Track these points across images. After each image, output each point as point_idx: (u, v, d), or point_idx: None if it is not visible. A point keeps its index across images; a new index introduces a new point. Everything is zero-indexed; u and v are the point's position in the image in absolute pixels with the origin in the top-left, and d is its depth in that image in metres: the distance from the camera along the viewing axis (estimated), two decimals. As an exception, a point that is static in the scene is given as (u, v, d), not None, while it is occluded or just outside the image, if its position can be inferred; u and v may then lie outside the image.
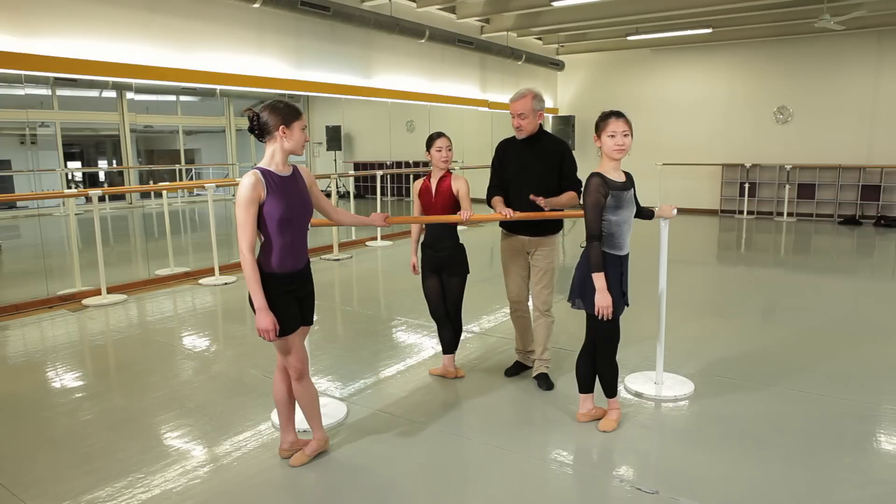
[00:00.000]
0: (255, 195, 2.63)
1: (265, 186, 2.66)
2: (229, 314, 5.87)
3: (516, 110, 3.69)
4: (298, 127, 2.74)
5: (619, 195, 3.04)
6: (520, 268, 3.87)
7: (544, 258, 3.77)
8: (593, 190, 3.01)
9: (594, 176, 3.04)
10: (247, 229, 2.61)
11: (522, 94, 3.70)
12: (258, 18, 7.84)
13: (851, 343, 4.69)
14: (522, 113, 3.67)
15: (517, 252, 3.84)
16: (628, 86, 13.61)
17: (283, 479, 2.88)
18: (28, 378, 4.17)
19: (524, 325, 4.00)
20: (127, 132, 9.10)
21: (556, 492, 2.76)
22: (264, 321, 2.63)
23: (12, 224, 10.03)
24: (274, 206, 2.66)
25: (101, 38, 6.41)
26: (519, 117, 3.69)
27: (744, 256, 8.97)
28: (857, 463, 2.93)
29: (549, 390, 3.80)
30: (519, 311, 3.97)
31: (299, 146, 2.76)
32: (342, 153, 11.96)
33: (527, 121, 3.68)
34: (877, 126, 11.40)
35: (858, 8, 9.52)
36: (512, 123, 3.75)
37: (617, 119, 3.05)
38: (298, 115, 2.75)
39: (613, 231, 3.05)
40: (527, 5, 9.95)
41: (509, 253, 3.88)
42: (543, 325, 3.84)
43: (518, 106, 3.68)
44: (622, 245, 3.09)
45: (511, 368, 4.09)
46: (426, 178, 3.88)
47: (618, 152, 3.05)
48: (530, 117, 3.67)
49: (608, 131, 3.05)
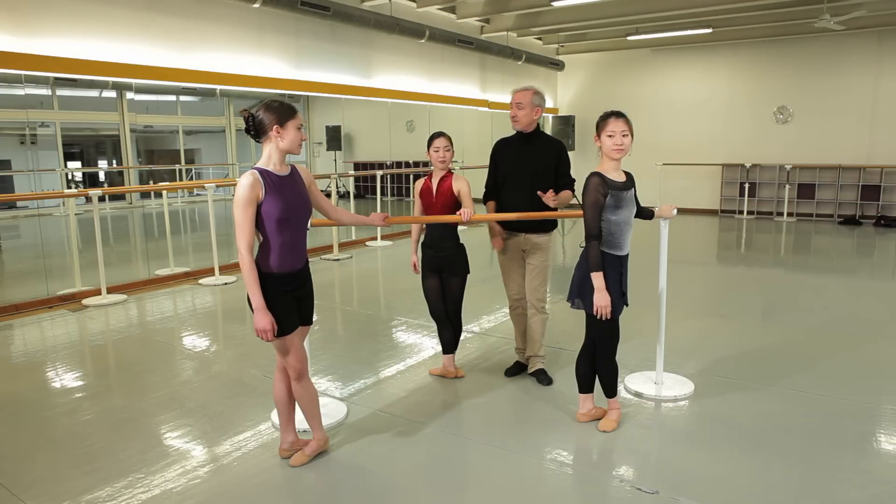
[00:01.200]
0: (253, 195, 2.62)
1: (263, 186, 2.65)
2: (229, 314, 5.87)
3: (515, 99, 3.74)
4: (293, 126, 2.72)
5: (619, 195, 3.04)
6: (518, 265, 3.89)
7: (539, 255, 3.81)
8: (592, 189, 3.01)
9: (593, 175, 3.04)
10: (245, 229, 2.61)
11: (525, 87, 3.76)
12: (258, 18, 7.84)
13: (851, 343, 4.69)
14: (520, 103, 3.71)
15: (515, 250, 3.87)
16: (628, 86, 13.61)
17: (283, 479, 2.88)
18: (28, 378, 4.17)
19: (525, 324, 4.00)
20: (127, 132, 9.10)
21: (556, 492, 2.76)
22: (262, 321, 2.63)
23: (12, 224, 10.03)
24: (272, 205, 2.65)
25: (101, 38, 6.41)
26: (516, 106, 3.72)
27: (744, 256, 8.97)
28: (857, 463, 2.93)
29: (549, 385, 3.84)
30: (519, 308, 3.98)
31: (295, 145, 2.74)
32: (342, 153, 11.96)
33: (523, 112, 3.71)
34: (877, 126, 11.40)
35: (858, 8, 9.52)
36: (509, 115, 3.80)
37: (616, 119, 3.05)
38: (293, 113, 2.73)
39: (613, 231, 3.05)
40: (527, 5, 9.95)
41: (507, 251, 3.90)
42: (539, 322, 3.88)
43: (518, 95, 3.73)
44: (622, 245, 3.09)
45: (511, 368, 4.09)
46: (427, 178, 3.88)
47: (617, 152, 3.04)
48: (527, 109, 3.70)
49: (607, 131, 3.04)
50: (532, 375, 3.96)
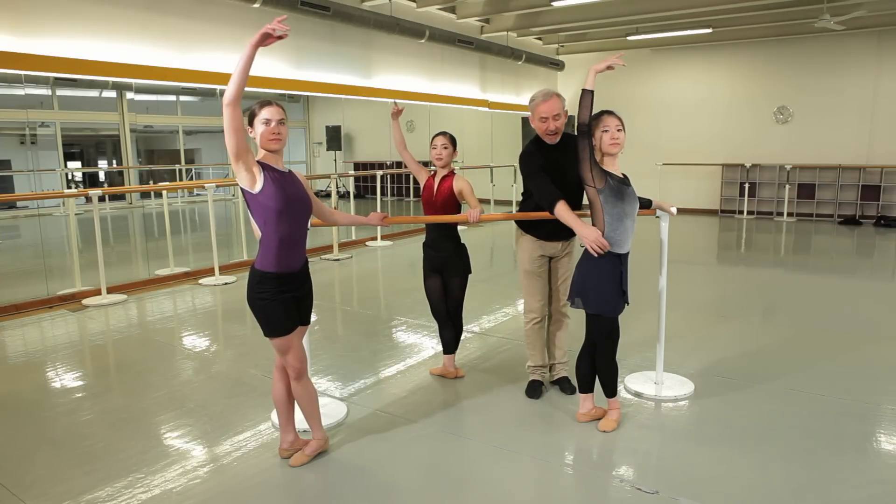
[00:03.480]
0: (250, 155, 2.63)
1: (262, 172, 2.65)
2: (229, 314, 5.87)
3: (552, 111, 3.39)
4: (259, 122, 2.71)
5: (621, 188, 3.05)
6: (546, 274, 3.72)
7: (567, 260, 3.71)
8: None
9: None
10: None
11: (550, 95, 3.42)
12: (258, 18, 7.84)
13: (851, 343, 4.69)
14: (558, 114, 3.41)
15: (545, 258, 3.69)
16: (628, 86, 13.59)
17: (283, 479, 2.88)
18: (28, 378, 4.17)
19: (544, 338, 3.83)
20: (127, 132, 9.10)
21: (556, 492, 2.76)
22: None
23: (12, 224, 10.03)
24: (271, 196, 2.65)
25: (101, 38, 6.41)
26: (554, 119, 3.40)
27: (744, 256, 8.97)
28: (857, 463, 2.93)
29: (572, 394, 3.69)
30: (541, 321, 3.76)
31: (264, 140, 2.70)
32: (342, 153, 11.97)
33: (560, 121, 3.42)
34: (877, 126, 11.40)
35: (858, 8, 9.52)
36: (543, 128, 3.44)
37: (609, 115, 3.09)
38: (260, 108, 2.71)
39: (616, 226, 3.05)
40: (527, 5, 9.95)
41: (538, 260, 3.66)
42: (567, 327, 3.81)
43: (554, 106, 3.39)
44: (622, 242, 3.08)
45: (536, 390, 3.75)
46: (433, 175, 3.89)
47: (613, 146, 3.06)
48: (563, 117, 3.46)
49: (602, 127, 3.07)
50: (555, 384, 3.84)
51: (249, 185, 2.64)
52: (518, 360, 4.21)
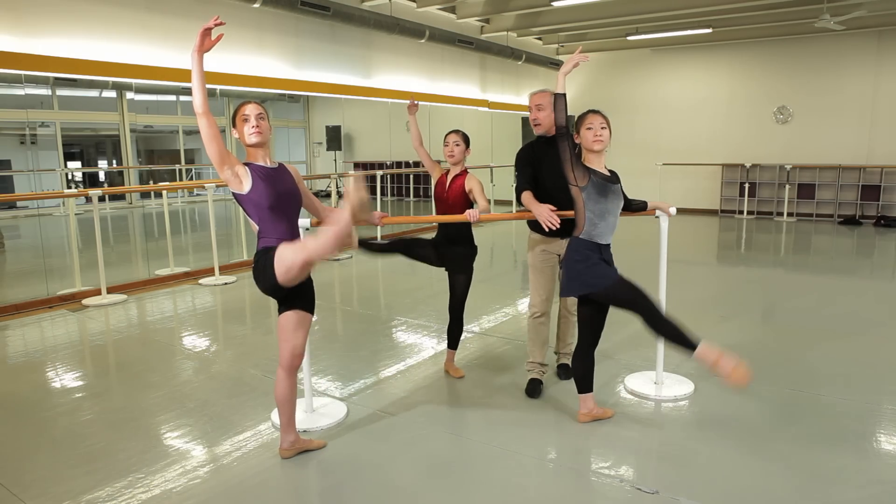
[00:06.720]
0: (231, 157, 2.67)
1: (249, 174, 2.70)
2: (229, 314, 5.87)
3: (535, 101, 3.65)
4: (238, 120, 2.79)
5: (605, 185, 3.09)
6: (550, 271, 3.76)
7: None
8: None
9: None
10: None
11: (542, 89, 3.68)
12: (258, 18, 7.84)
13: (851, 343, 4.69)
14: (540, 104, 3.62)
15: (551, 256, 3.74)
16: (628, 86, 13.61)
17: (283, 479, 2.88)
18: (28, 378, 4.17)
19: (546, 335, 3.86)
20: (127, 132, 9.09)
21: (556, 492, 2.76)
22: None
23: (12, 224, 10.03)
24: (261, 194, 2.70)
25: (101, 38, 6.41)
26: (536, 109, 3.64)
27: (744, 256, 8.97)
28: (857, 463, 2.93)
29: (568, 379, 3.87)
30: (542, 316, 3.79)
31: (245, 136, 2.76)
32: (342, 153, 11.96)
33: (544, 113, 3.62)
34: (877, 126, 11.40)
35: (858, 8, 9.52)
36: (529, 118, 3.72)
37: (594, 114, 3.14)
38: (238, 109, 2.79)
39: (596, 222, 3.09)
40: (527, 5, 9.95)
41: (544, 257, 3.73)
42: (573, 325, 3.90)
43: (537, 97, 3.65)
44: (602, 235, 3.14)
45: (536, 388, 3.77)
46: (446, 172, 3.91)
47: (597, 143, 3.09)
48: (548, 110, 3.60)
49: (586, 125, 3.12)
50: (560, 367, 4.04)
51: (237, 186, 2.70)
52: (518, 360, 4.21)
